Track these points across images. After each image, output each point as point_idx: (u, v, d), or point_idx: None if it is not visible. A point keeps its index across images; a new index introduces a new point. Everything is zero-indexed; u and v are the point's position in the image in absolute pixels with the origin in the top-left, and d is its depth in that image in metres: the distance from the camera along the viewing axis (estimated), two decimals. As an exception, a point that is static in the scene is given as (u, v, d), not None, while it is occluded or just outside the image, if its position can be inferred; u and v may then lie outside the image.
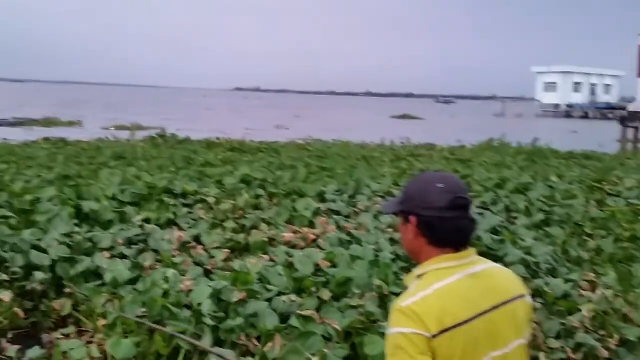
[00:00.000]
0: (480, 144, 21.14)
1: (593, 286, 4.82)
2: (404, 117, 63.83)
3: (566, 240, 6.65)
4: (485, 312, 1.66)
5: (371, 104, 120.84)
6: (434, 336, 1.58)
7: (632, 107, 30.20)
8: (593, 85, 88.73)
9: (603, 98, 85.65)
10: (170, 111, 59.26)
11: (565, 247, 6.29)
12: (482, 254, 1.78)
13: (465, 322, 1.62)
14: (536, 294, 4.42)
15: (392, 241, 5.57)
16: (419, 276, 1.71)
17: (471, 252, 1.74)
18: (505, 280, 1.78)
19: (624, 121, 29.44)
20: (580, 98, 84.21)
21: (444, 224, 1.68)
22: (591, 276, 5.02)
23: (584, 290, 4.69)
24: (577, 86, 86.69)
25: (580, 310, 4.14)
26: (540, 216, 7.23)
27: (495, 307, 1.68)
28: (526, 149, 19.19)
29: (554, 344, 3.76)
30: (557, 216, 7.37)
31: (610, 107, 75.29)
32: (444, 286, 1.65)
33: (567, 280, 4.83)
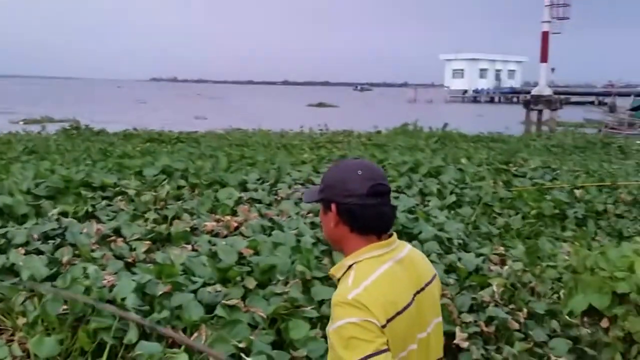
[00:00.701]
0: (394, 129, 21.76)
1: (502, 260, 5.14)
2: (320, 105, 64.72)
3: (476, 218, 7.05)
4: (414, 296, 1.71)
5: (289, 93, 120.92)
6: (383, 326, 1.59)
7: (535, 91, 31.90)
8: (498, 71, 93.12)
9: (507, 83, 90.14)
10: (83, 103, 56.77)
11: (476, 224, 6.67)
12: (397, 232, 1.87)
13: (404, 309, 1.66)
14: (449, 269, 4.67)
15: (313, 225, 5.69)
16: (350, 266, 1.71)
17: (394, 237, 1.77)
18: (423, 263, 1.84)
19: (527, 105, 31.17)
20: (486, 83, 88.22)
21: (364, 211, 1.69)
22: (501, 249, 5.35)
23: (494, 264, 4.99)
24: (483, 72, 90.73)
25: (490, 285, 4.42)
26: (452, 198, 7.59)
27: (420, 290, 1.74)
28: (437, 133, 19.97)
29: (467, 317, 3.96)
30: (468, 197, 7.78)
31: (514, 92, 79.42)
32: (380, 275, 1.66)
33: (478, 255, 5.12)
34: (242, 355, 3.15)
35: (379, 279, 1.65)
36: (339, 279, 1.74)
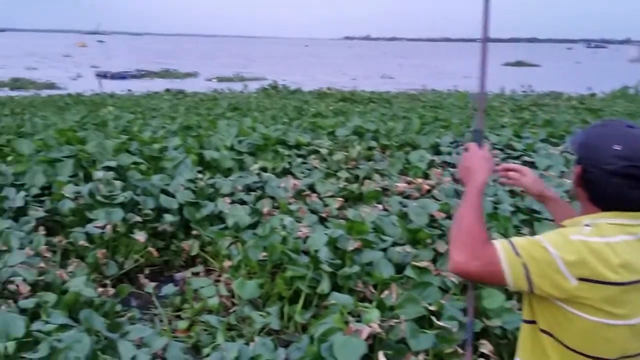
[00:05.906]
0: (612, 92, 19.58)
1: None
2: (519, 64, 59.55)
3: None
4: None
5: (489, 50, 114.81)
6: (614, 284, 1.37)
7: None
8: None
9: None
10: (271, 62, 60.14)
11: None
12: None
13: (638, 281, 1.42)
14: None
15: (512, 193, 5.35)
16: (587, 225, 1.49)
17: None
18: None
19: None
20: None
21: (606, 188, 1.46)
22: None
23: None
24: None
25: None
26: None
27: None
28: (665, 98, 17.56)
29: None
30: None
31: None
32: (620, 241, 1.42)
33: None
34: (433, 318, 3.06)
35: (617, 243, 1.42)
36: None
